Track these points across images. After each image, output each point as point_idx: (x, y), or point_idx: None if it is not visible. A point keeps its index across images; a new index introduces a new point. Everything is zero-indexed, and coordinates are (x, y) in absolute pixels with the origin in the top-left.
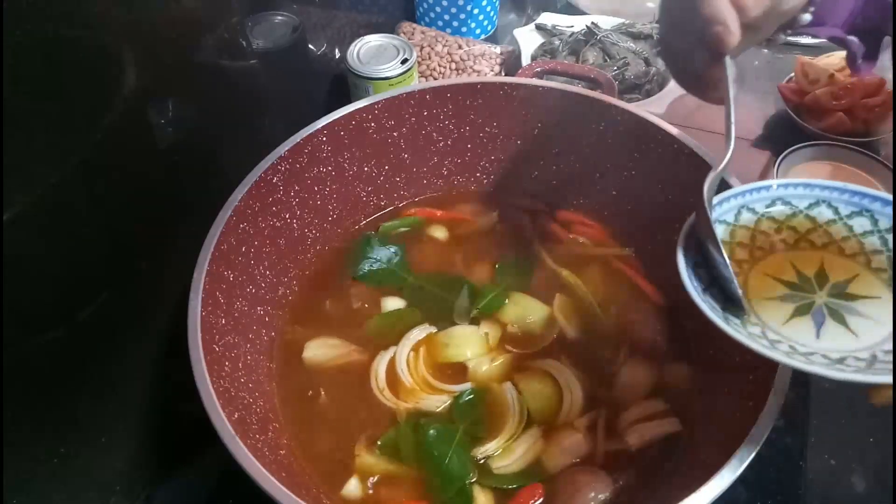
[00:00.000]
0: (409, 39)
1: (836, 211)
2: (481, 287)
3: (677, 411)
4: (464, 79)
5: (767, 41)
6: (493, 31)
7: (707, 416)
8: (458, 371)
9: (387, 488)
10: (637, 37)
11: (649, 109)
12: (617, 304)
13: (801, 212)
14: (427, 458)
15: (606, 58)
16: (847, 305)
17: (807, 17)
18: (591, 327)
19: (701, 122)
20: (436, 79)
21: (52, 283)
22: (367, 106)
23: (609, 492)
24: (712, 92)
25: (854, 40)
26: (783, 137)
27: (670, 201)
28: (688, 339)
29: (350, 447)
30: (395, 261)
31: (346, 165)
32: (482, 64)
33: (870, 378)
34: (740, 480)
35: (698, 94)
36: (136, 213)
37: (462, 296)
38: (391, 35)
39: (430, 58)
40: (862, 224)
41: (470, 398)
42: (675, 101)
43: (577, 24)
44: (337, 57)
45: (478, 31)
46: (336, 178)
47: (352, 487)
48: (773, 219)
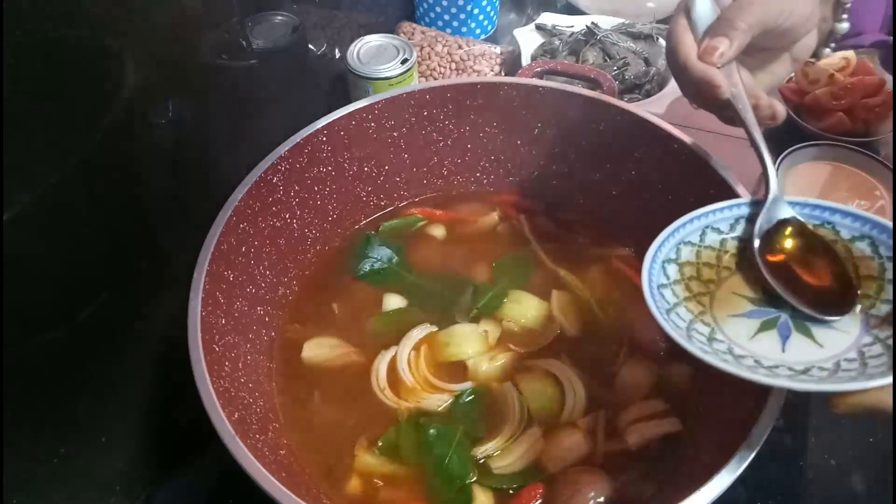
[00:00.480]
0: (409, 39)
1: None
2: (481, 285)
3: (677, 411)
4: (464, 79)
5: (813, 56)
6: (493, 31)
7: (707, 416)
8: (459, 370)
9: (387, 488)
10: (637, 37)
11: (649, 109)
12: (617, 303)
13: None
14: (427, 458)
15: (606, 58)
16: (813, 317)
17: (844, 25)
18: (590, 327)
19: (701, 122)
20: (436, 79)
21: (52, 283)
22: (367, 106)
23: (609, 492)
24: (727, 112)
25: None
26: (783, 137)
27: (670, 201)
28: None
29: (350, 447)
30: (395, 260)
31: (346, 165)
32: (482, 64)
33: (831, 387)
34: (740, 480)
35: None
36: (136, 213)
37: (464, 294)
38: (391, 35)
39: (430, 58)
40: (824, 236)
41: (470, 398)
42: (675, 101)
43: (577, 24)
44: (337, 57)
45: (478, 31)
46: (336, 178)
47: (352, 487)
48: (738, 238)
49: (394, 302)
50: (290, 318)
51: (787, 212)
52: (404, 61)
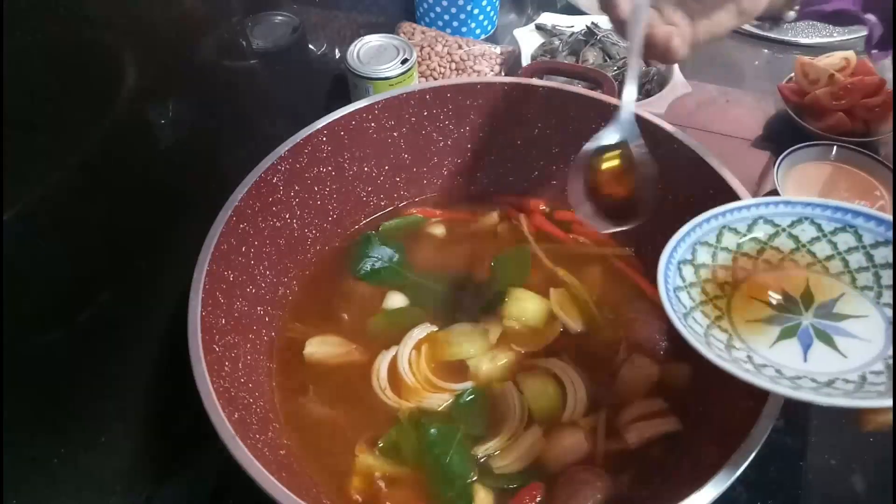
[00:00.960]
0: (409, 39)
1: (819, 228)
2: (482, 283)
3: (677, 411)
4: (464, 79)
5: (773, 20)
6: (493, 31)
7: (707, 416)
8: (460, 369)
9: (388, 488)
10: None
11: (649, 109)
12: (617, 303)
13: (784, 230)
14: (428, 458)
15: (606, 58)
16: (834, 326)
17: None
18: (590, 326)
19: (701, 122)
20: (436, 79)
21: (53, 283)
22: (367, 106)
23: (609, 491)
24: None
25: (871, 18)
26: (783, 137)
27: (670, 201)
28: None
29: (350, 447)
30: (396, 259)
31: (346, 165)
32: (482, 64)
33: (859, 403)
34: (740, 480)
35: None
36: (137, 213)
37: (465, 293)
38: (391, 35)
39: (430, 58)
40: (846, 240)
41: (471, 397)
42: (675, 101)
43: (577, 24)
44: (337, 57)
45: (478, 31)
46: (336, 178)
47: (353, 487)
48: (756, 239)
49: (394, 301)
50: (291, 318)
51: (613, 138)
52: (404, 61)
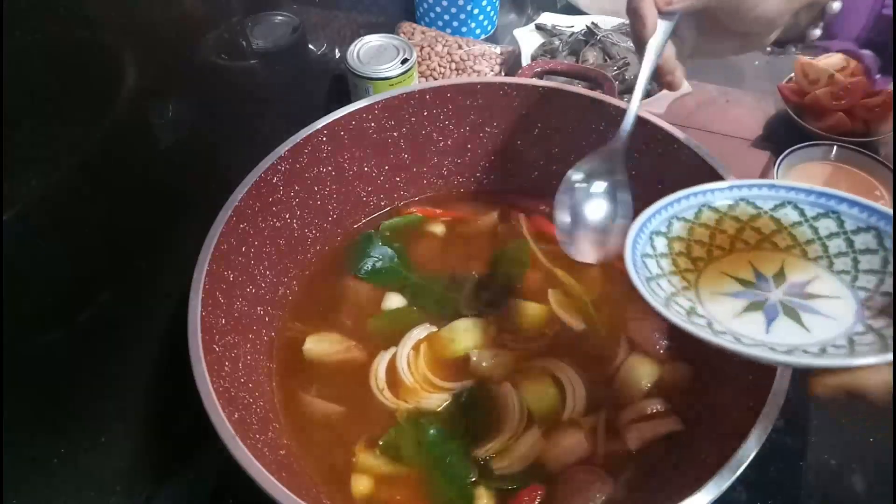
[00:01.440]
0: (409, 39)
1: (801, 213)
2: (480, 283)
3: (677, 411)
4: (464, 79)
5: (774, 49)
6: (493, 31)
7: (707, 417)
8: (459, 368)
9: (387, 489)
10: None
11: (649, 109)
12: (616, 303)
13: (766, 213)
14: (427, 458)
15: (606, 58)
16: (803, 304)
17: (817, 32)
18: (589, 326)
19: (701, 122)
20: (436, 79)
21: (53, 283)
22: (367, 106)
23: (609, 492)
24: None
25: (868, 54)
26: (783, 137)
27: None
28: (688, 338)
29: (350, 447)
30: (396, 259)
31: (346, 165)
32: (482, 64)
33: (813, 361)
34: (740, 480)
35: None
36: (137, 213)
37: (466, 289)
38: (391, 35)
39: (430, 58)
40: (828, 226)
41: (471, 398)
42: (675, 101)
43: (577, 24)
44: (337, 57)
45: (478, 31)
46: (336, 178)
47: (353, 488)
48: (736, 218)
49: (394, 301)
50: (291, 318)
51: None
52: (404, 61)
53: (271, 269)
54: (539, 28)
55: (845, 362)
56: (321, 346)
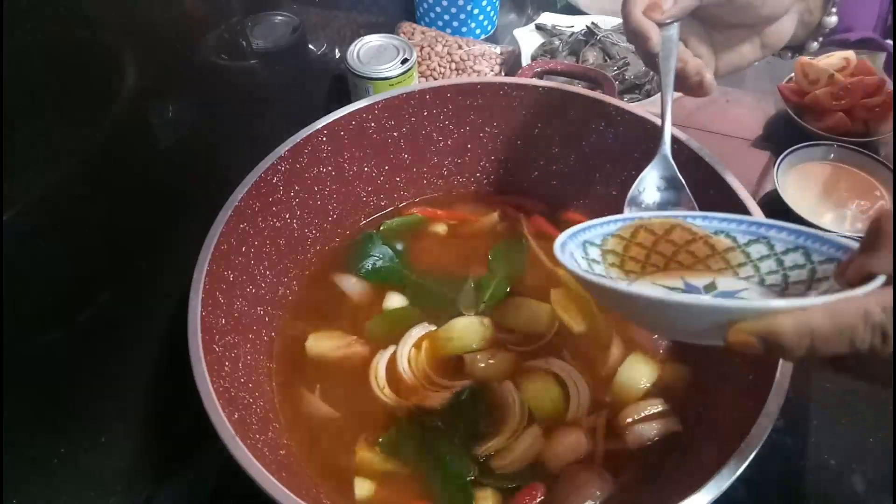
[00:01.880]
0: (409, 39)
1: (734, 240)
2: (482, 279)
3: (677, 411)
4: (464, 79)
5: (796, 49)
6: (493, 31)
7: (707, 416)
8: (460, 367)
9: (388, 487)
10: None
11: (649, 109)
12: None
13: (700, 238)
14: (427, 456)
15: (606, 58)
16: (728, 293)
17: (833, 19)
18: (589, 326)
19: (701, 122)
20: (436, 79)
21: (53, 283)
22: (367, 106)
23: (609, 491)
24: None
25: (890, 43)
26: (783, 137)
27: None
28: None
29: (350, 447)
30: (396, 259)
31: (346, 165)
32: (482, 64)
33: (722, 303)
34: (740, 480)
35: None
36: (137, 213)
37: (467, 288)
38: (391, 35)
39: (430, 58)
40: (759, 250)
41: (471, 396)
42: (675, 102)
43: (577, 24)
44: (337, 57)
45: (478, 31)
46: (336, 178)
47: (353, 487)
48: (672, 242)
49: (395, 301)
50: (291, 318)
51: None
52: (404, 61)
53: (271, 269)
54: (539, 28)
55: (757, 304)
56: (323, 343)
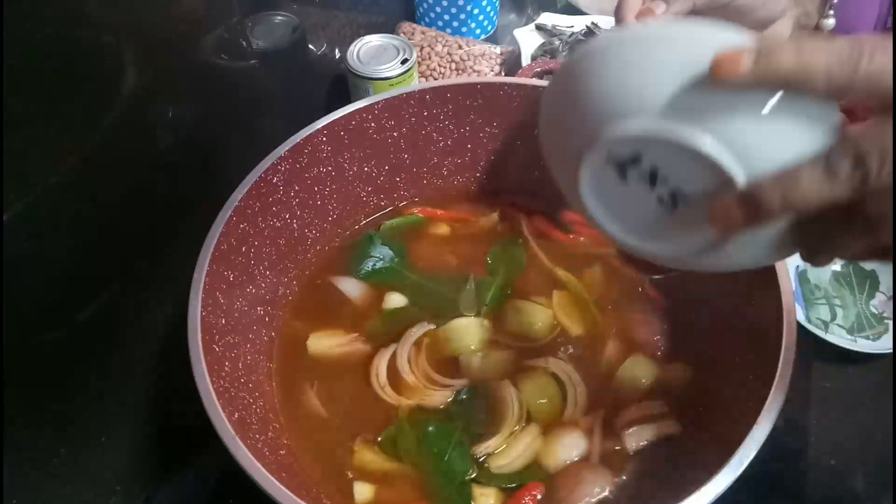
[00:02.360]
0: (409, 39)
1: None
2: (483, 279)
3: (676, 412)
4: (464, 79)
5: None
6: (493, 31)
7: (707, 417)
8: (459, 367)
9: (387, 486)
10: None
11: None
12: (617, 303)
13: None
14: (426, 455)
15: None
16: None
17: (830, 22)
18: (589, 326)
19: None
20: (436, 79)
21: (52, 283)
22: (367, 106)
23: (608, 491)
24: None
25: None
26: None
27: None
28: (688, 339)
29: (350, 446)
30: (396, 259)
31: (346, 165)
32: (482, 64)
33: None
34: (740, 480)
35: None
36: (136, 213)
37: (468, 288)
38: (391, 35)
39: (430, 58)
40: None
41: (470, 395)
42: None
43: (577, 24)
44: (337, 57)
45: (478, 31)
46: (336, 178)
47: (352, 486)
48: None
49: (395, 301)
50: (291, 318)
51: None
52: (404, 61)
53: (271, 269)
54: (539, 28)
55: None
56: (324, 341)
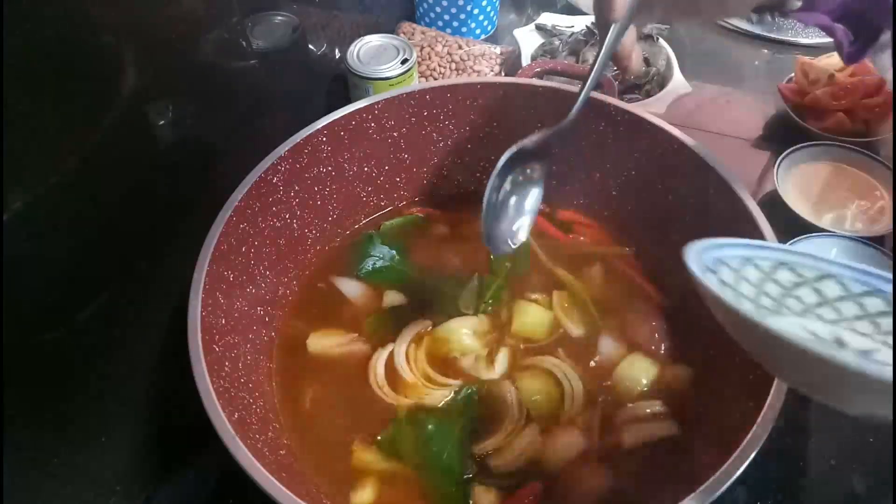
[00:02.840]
0: (409, 39)
1: (844, 287)
2: (486, 278)
3: (676, 411)
4: (464, 79)
5: (775, 8)
6: (493, 31)
7: (707, 417)
8: (459, 366)
9: (386, 485)
10: (637, 37)
11: (649, 109)
12: (617, 303)
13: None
14: (425, 454)
15: None
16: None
17: (797, 2)
18: (589, 326)
19: (701, 122)
20: (436, 79)
21: (52, 283)
22: (367, 106)
23: (607, 490)
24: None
25: (839, 27)
26: (783, 137)
27: (670, 201)
28: (688, 339)
29: (350, 446)
30: (396, 258)
31: (346, 165)
32: (482, 64)
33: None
34: (740, 480)
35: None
36: (136, 213)
37: (467, 288)
38: (391, 35)
39: (430, 58)
40: (875, 304)
41: (469, 394)
42: (675, 101)
43: (577, 24)
44: (337, 57)
45: (478, 31)
46: (336, 178)
47: (352, 486)
48: (777, 282)
49: (394, 300)
50: (291, 318)
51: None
52: (404, 61)
53: (271, 269)
54: (539, 28)
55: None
56: (324, 340)
